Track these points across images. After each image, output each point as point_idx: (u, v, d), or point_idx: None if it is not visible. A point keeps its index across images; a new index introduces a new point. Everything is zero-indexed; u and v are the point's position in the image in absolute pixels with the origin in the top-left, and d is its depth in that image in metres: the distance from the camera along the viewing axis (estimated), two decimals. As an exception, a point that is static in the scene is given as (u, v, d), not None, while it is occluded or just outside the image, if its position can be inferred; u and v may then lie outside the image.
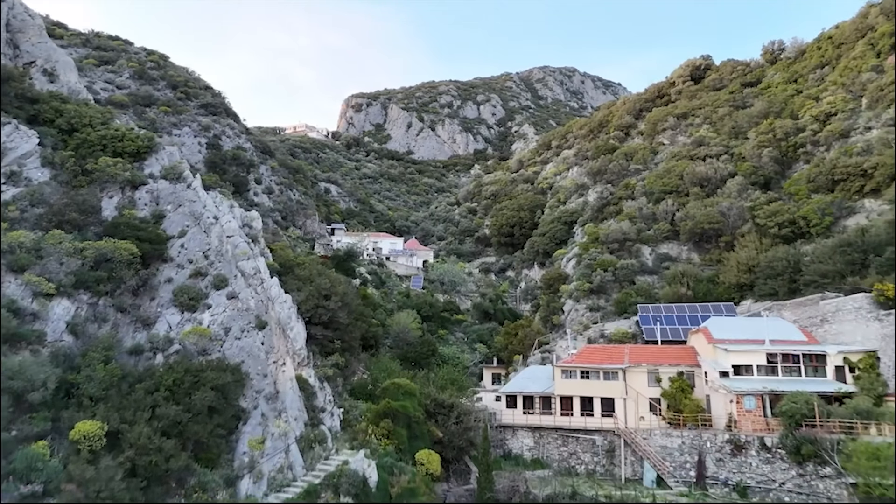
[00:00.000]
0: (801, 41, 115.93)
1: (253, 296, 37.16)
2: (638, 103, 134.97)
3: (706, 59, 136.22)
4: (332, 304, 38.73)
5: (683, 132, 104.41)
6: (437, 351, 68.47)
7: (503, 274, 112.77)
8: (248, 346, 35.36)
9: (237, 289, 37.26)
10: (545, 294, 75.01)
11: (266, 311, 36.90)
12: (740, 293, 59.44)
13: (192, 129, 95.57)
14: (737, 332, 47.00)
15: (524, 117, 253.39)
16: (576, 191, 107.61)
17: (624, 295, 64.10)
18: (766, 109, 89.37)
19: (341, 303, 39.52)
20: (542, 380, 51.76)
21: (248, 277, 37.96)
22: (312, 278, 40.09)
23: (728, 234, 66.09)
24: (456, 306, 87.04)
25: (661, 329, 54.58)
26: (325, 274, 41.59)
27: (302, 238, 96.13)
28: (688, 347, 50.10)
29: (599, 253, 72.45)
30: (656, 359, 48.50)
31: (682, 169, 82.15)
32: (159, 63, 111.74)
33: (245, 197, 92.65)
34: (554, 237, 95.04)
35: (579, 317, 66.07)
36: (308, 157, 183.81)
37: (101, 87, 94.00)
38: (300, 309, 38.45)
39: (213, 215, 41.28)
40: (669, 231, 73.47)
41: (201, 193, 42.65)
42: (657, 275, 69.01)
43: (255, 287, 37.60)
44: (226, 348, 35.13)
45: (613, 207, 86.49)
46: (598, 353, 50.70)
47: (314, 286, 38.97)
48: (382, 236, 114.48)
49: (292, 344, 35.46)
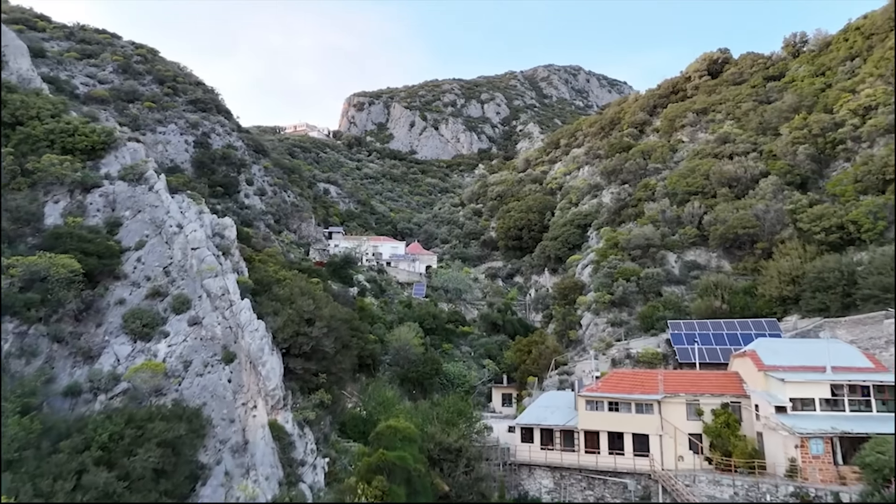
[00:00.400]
0: (824, 32, 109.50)
1: (220, 321, 30.72)
2: (651, 99, 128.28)
3: (724, 53, 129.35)
4: (317, 330, 32.20)
5: (704, 128, 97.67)
6: (442, 369, 62.08)
7: (511, 280, 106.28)
8: (211, 384, 28.94)
9: (201, 312, 30.85)
10: (559, 305, 68.46)
11: (235, 341, 30.46)
12: (783, 307, 52.82)
13: (178, 127, 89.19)
14: (790, 357, 40.34)
15: (529, 116, 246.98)
16: (589, 191, 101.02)
17: (650, 308, 57.53)
18: (797, 103, 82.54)
19: (327, 328, 32.98)
20: (563, 409, 45.22)
21: (214, 299, 31.53)
22: (293, 298, 33.58)
23: (765, 239, 59.42)
24: (461, 317, 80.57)
25: (698, 350, 47.96)
26: (309, 292, 35.09)
27: (296, 243, 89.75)
28: (731, 374, 43.44)
29: (620, 260, 65.83)
30: (696, 387, 41.87)
31: (708, 168, 75.49)
32: (147, 57, 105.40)
33: (235, 199, 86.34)
34: (566, 241, 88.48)
35: (599, 332, 59.52)
36: (307, 156, 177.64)
37: (82, 82, 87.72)
38: (276, 338, 31.91)
39: (178, 223, 34.88)
40: (697, 236, 66.79)
41: (165, 197, 36.26)
42: (685, 285, 62.38)
43: (222, 311, 31.17)
44: (184, 387, 28.73)
45: (632, 210, 79.84)
46: (627, 379, 44.06)
47: (295, 309, 32.46)
48: (383, 240, 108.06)
49: (264, 383, 29.03)
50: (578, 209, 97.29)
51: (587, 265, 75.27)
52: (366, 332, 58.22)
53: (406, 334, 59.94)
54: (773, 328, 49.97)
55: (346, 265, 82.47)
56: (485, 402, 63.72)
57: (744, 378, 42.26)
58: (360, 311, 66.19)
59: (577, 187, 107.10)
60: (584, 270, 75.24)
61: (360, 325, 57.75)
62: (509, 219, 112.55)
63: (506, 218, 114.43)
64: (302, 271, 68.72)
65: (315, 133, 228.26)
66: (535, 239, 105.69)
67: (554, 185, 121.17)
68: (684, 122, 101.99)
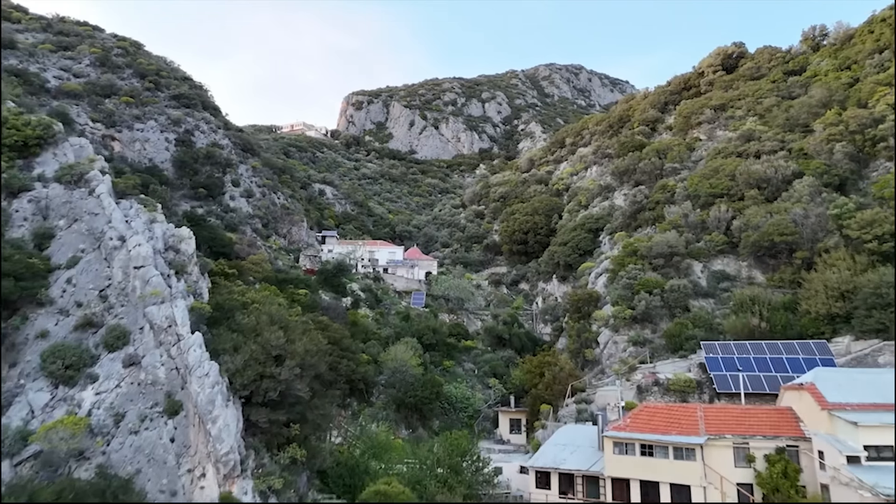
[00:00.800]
0: (845, 25, 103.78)
1: (163, 361, 24.41)
2: (662, 96, 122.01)
3: (738, 47, 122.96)
4: (287, 371, 25.67)
5: (723, 125, 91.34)
6: (443, 392, 55.76)
7: (516, 286, 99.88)
8: (149, 444, 22.62)
9: (141, 349, 24.56)
10: (573, 320, 62.04)
11: (182, 387, 24.12)
12: (831, 326, 46.42)
13: (158, 123, 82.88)
14: (857, 392, 33.90)
15: (531, 115, 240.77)
16: (599, 193, 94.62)
17: (677, 326, 51.14)
18: (827, 98, 76.17)
19: (301, 367, 26.52)
20: (584, 448, 38.86)
21: (158, 332, 25.19)
22: (260, 329, 27.11)
23: (805, 248, 53.03)
24: (464, 329, 74.20)
25: (740, 378, 41.51)
26: (280, 320, 28.56)
27: (285, 248, 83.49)
28: (783, 410, 37.01)
29: (640, 270, 59.40)
30: (744, 426, 35.45)
31: (733, 168, 69.10)
32: (128, 50, 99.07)
33: (219, 201, 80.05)
34: (577, 247, 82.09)
35: (619, 352, 53.17)
36: (303, 156, 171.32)
37: (55, 75, 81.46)
38: (234, 383, 25.42)
39: (120, 235, 28.50)
40: (725, 243, 60.41)
41: (108, 203, 29.91)
42: (713, 298, 56.00)
43: (167, 347, 24.84)
44: (113, 449, 22.43)
45: (650, 213, 73.47)
46: (660, 415, 37.66)
47: (259, 343, 25.96)
48: (380, 245, 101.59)
49: (215, 444, 22.70)
50: (589, 212, 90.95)
51: (601, 274, 68.93)
52: (357, 353, 52.01)
53: (403, 354, 53.63)
54: (824, 352, 43.58)
55: (340, 273, 76.16)
56: (490, 427, 57.44)
57: (799, 415, 35.85)
58: (352, 327, 59.98)
59: (587, 188, 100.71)
60: (597, 280, 68.88)
61: (352, 343, 51.56)
62: (514, 221, 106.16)
63: (510, 220, 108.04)
64: (288, 282, 62.46)
65: (312, 132, 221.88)
66: (541, 243, 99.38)
67: (561, 186, 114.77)
68: (701, 118, 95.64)
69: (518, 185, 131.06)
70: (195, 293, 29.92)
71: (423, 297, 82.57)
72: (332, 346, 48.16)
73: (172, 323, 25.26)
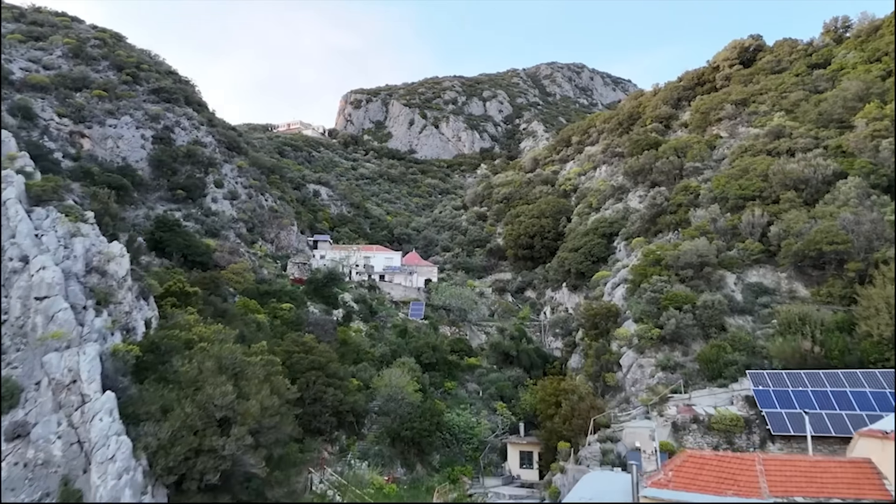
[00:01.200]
0: (871, 16, 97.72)
1: (61, 432, 17.81)
2: (675, 91, 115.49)
3: (756, 40, 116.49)
4: (232, 443, 18.47)
5: (745, 122, 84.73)
6: (444, 420, 49.20)
7: (522, 294, 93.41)
8: (31, 556, 16.02)
9: (33, 415, 18.03)
10: (589, 337, 55.39)
11: (84, 470, 17.50)
12: (897, 351, 39.73)
13: (134, 119, 76.25)
14: (958, 444, 27.31)
15: (533, 114, 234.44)
16: (612, 194, 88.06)
17: (713, 349, 44.47)
18: (864, 91, 69.60)
19: (255, 433, 19.70)
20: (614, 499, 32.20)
21: (59, 390, 18.56)
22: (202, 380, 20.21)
23: (859, 258, 46.40)
24: (467, 345, 67.58)
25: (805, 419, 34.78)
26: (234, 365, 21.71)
27: (272, 255, 76.93)
28: (860, 462, 30.00)
29: (666, 282, 52.76)
30: (815, 485, 28.44)
31: (766, 167, 62.49)
32: (107, 41, 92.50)
33: (199, 204, 73.44)
34: (590, 253, 75.49)
35: (646, 377, 46.52)
36: (298, 156, 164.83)
37: (22, 67, 75.00)
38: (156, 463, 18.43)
39: (23, 254, 21.87)
40: (762, 252, 53.80)
41: (14, 212, 23.26)
42: (751, 315, 49.36)
43: (68, 411, 18.22)
44: (-21, 565, 15.86)
45: (671, 217, 66.84)
46: (709, 468, 30.74)
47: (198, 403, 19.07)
48: (376, 249, 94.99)
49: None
50: (601, 215, 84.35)
51: (619, 284, 62.35)
52: (346, 379, 45.43)
53: (399, 380, 46.99)
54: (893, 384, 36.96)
55: (331, 282, 69.57)
56: (497, 461, 50.77)
57: (879, 467, 29.24)
58: (341, 346, 53.41)
59: (597, 189, 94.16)
60: (614, 291, 62.28)
61: (339, 368, 44.98)
62: (519, 224, 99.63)
63: (514, 223, 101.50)
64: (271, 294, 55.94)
65: (309, 131, 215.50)
66: (548, 248, 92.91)
67: (568, 187, 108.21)
68: (721, 114, 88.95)
69: (522, 186, 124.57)
70: (126, 328, 23.37)
71: (423, 308, 75.97)
72: (317, 371, 41.88)
73: (77, 378, 18.75)
